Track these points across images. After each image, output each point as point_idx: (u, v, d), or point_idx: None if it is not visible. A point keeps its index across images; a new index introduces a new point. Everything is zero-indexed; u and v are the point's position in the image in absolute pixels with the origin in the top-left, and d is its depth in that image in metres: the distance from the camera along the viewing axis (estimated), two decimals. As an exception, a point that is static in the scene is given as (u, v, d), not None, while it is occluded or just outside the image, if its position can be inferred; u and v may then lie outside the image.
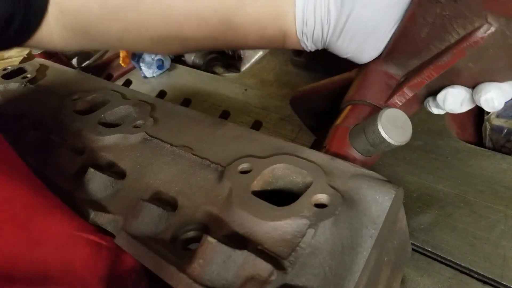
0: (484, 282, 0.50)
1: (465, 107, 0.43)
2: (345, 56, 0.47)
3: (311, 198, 0.33)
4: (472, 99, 0.42)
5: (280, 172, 0.37)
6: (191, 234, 0.34)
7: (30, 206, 0.35)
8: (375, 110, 0.43)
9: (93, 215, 0.37)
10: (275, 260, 0.29)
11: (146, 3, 0.43)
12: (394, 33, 0.42)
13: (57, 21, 0.43)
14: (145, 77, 1.04)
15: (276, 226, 0.31)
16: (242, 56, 1.13)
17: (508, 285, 0.49)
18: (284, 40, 0.47)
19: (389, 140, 0.37)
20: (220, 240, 0.30)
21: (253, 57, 1.07)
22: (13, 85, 0.66)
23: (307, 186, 0.36)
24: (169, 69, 1.08)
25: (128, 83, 0.70)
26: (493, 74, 0.40)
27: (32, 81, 0.67)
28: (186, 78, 1.01)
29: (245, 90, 0.92)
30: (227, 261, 0.29)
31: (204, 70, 1.09)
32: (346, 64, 0.48)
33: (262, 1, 0.43)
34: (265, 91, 0.91)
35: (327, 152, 0.42)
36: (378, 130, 0.37)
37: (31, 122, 0.54)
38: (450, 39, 0.39)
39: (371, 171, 0.35)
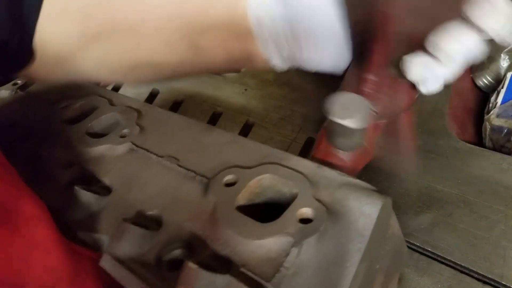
0: (484, 282, 0.50)
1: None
2: (316, 69, 0.47)
3: (296, 212, 0.32)
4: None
5: (267, 183, 0.37)
6: (176, 253, 0.33)
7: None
8: None
9: (79, 234, 0.36)
10: (258, 284, 0.28)
11: (119, 33, 0.45)
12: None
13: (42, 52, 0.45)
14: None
15: (260, 245, 0.31)
16: None
17: (508, 285, 0.48)
18: (251, 62, 0.47)
19: (345, 123, 0.36)
20: (203, 263, 0.29)
21: None
22: (4, 92, 0.65)
23: (293, 197, 0.35)
24: None
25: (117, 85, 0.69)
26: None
27: (22, 87, 0.66)
28: (186, 78, 1.00)
29: (245, 90, 0.91)
30: (210, 286, 0.28)
31: None
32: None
33: (225, 25, 0.43)
34: (265, 91, 0.90)
35: (313, 158, 0.41)
36: (332, 119, 0.36)
37: (21, 132, 0.54)
38: None
39: (357, 180, 0.34)
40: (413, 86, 0.42)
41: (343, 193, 0.33)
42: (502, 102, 0.71)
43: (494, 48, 0.83)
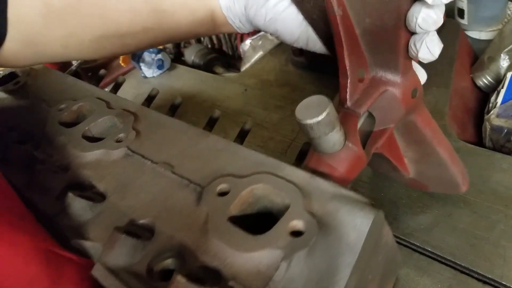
0: (484, 282, 0.50)
1: None
2: (275, 36, 0.49)
3: (287, 225, 0.32)
4: None
5: (261, 193, 0.36)
6: (167, 263, 0.33)
7: (14, 224, 0.35)
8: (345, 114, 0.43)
9: (73, 242, 0.36)
10: (246, 298, 0.28)
11: (84, 5, 0.46)
12: None
13: (12, 35, 0.46)
14: (145, 77, 1.04)
15: (251, 257, 0.31)
16: (242, 56, 1.12)
17: (508, 285, 0.49)
18: (214, 21, 0.49)
19: (303, 122, 0.36)
20: (192, 275, 0.29)
21: (253, 57, 1.07)
22: (4, 92, 0.65)
23: (286, 208, 0.35)
24: (169, 69, 1.08)
25: (117, 86, 0.69)
26: None
27: (22, 87, 0.66)
28: (186, 78, 1.01)
29: (245, 90, 0.92)
30: (198, 300, 0.28)
31: (204, 70, 1.09)
32: None
33: None
34: (265, 91, 0.91)
35: (305, 166, 0.41)
36: (297, 121, 0.36)
37: (19, 135, 0.54)
38: None
39: (350, 192, 0.34)
40: (405, 81, 0.41)
41: (335, 205, 0.33)
42: (502, 102, 0.71)
43: (494, 48, 0.82)
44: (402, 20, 0.35)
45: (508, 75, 0.75)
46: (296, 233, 0.31)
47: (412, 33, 0.37)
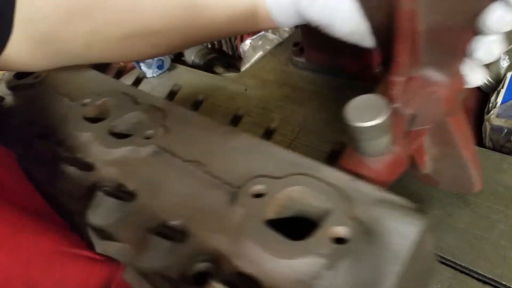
0: (484, 282, 0.49)
1: None
2: (326, 28, 0.44)
3: (329, 231, 0.30)
4: None
5: (297, 195, 0.35)
6: (201, 267, 0.32)
7: (16, 225, 0.35)
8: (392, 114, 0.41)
9: (101, 244, 0.35)
10: (289, 309, 0.27)
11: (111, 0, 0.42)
12: None
13: (24, 34, 0.42)
14: (145, 77, 1.03)
15: (291, 265, 0.29)
16: (242, 56, 1.12)
17: (508, 285, 0.48)
18: (255, 16, 0.45)
19: (357, 125, 0.33)
20: (228, 281, 0.28)
21: (253, 57, 1.07)
22: (25, 86, 0.65)
23: (324, 213, 0.33)
24: (169, 69, 1.08)
25: (137, 81, 0.68)
26: None
27: (43, 81, 0.65)
28: (186, 78, 1.02)
29: (245, 90, 0.92)
30: (237, 308, 0.27)
31: (204, 70, 1.10)
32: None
33: None
34: (265, 91, 0.91)
35: (342, 168, 0.39)
36: (345, 122, 0.34)
37: (41, 130, 0.53)
38: None
39: (395, 197, 0.32)
40: (453, 83, 0.40)
41: (379, 211, 0.31)
42: (502, 102, 0.70)
43: None
44: (473, 19, 0.33)
45: (508, 75, 0.74)
46: (339, 240, 0.30)
47: (477, 33, 0.35)
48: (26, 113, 0.58)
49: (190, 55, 1.16)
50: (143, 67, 1.06)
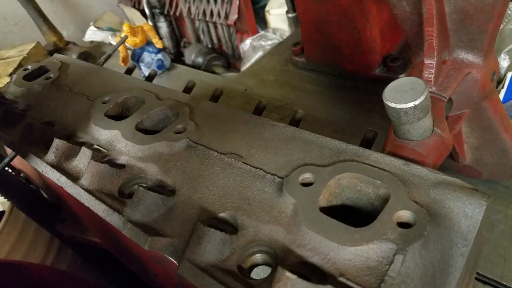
0: (484, 282, 0.50)
1: None
2: None
3: (392, 216, 0.29)
4: None
5: (347, 182, 0.34)
6: (258, 258, 0.31)
7: None
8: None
9: (149, 240, 0.34)
10: (365, 295, 0.26)
11: None
12: None
13: None
14: (145, 76, 1.03)
15: (357, 252, 0.28)
16: (242, 56, 1.12)
17: (508, 285, 0.48)
18: None
19: (398, 106, 0.33)
20: (295, 271, 0.27)
21: (253, 57, 1.06)
22: (37, 87, 0.63)
23: (379, 198, 0.32)
24: (168, 69, 1.08)
25: (149, 78, 0.66)
26: None
27: (55, 81, 0.63)
28: (186, 77, 1.02)
29: (245, 90, 0.91)
30: (311, 298, 0.26)
31: (204, 70, 1.10)
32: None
33: None
34: (265, 91, 0.90)
35: (388, 153, 0.38)
36: (387, 105, 0.34)
37: (61, 129, 0.51)
38: None
39: (454, 178, 0.31)
40: (487, 64, 0.40)
41: (440, 193, 0.30)
42: (502, 102, 0.70)
43: (494, 48, 0.81)
44: None
45: (508, 75, 0.75)
46: (404, 224, 0.29)
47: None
48: (43, 114, 0.56)
49: (190, 55, 1.16)
50: (143, 67, 1.05)
